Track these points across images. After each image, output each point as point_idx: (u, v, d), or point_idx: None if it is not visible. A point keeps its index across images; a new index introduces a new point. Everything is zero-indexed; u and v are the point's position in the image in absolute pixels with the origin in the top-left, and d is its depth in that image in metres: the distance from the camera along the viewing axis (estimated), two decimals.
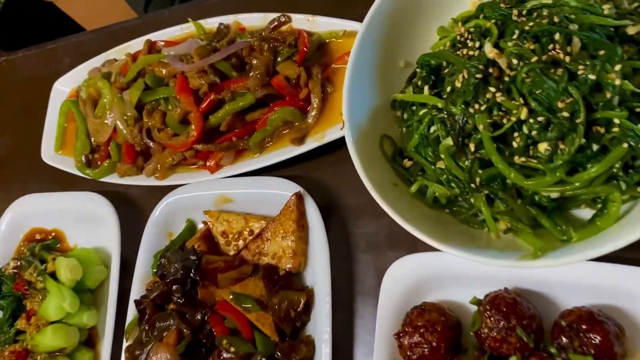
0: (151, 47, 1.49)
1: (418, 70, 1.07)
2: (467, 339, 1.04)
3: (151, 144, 1.42)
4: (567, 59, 0.82)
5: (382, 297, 1.10)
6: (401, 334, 1.04)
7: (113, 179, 1.55)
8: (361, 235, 1.23)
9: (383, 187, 1.00)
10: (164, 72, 1.37)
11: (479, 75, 0.87)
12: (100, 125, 1.51)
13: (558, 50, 0.83)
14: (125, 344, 1.39)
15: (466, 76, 0.88)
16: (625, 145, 0.82)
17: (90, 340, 1.53)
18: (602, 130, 0.83)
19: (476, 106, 0.88)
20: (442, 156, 0.96)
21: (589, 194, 0.88)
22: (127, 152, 1.46)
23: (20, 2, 2.56)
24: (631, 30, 0.88)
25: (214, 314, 1.27)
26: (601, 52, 0.82)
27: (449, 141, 0.94)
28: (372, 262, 1.20)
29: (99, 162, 1.57)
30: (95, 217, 1.60)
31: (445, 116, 0.93)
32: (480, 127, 0.88)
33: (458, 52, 0.93)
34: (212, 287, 1.26)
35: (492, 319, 0.96)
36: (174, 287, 1.32)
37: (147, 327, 1.31)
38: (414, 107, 1.07)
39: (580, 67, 0.82)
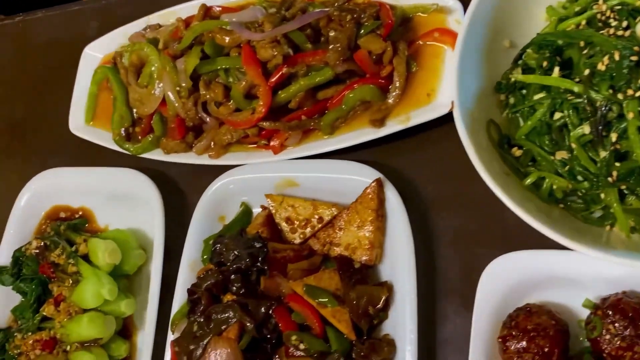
0: (207, 12, 1.37)
1: (530, 51, 1.00)
2: (574, 346, 0.98)
3: (207, 118, 1.31)
4: None
5: (480, 297, 1.02)
6: (507, 338, 0.96)
7: (155, 155, 1.44)
8: (445, 229, 1.15)
9: (497, 177, 0.92)
10: (226, 41, 1.26)
11: (634, 58, 0.80)
12: (145, 95, 1.39)
13: None
14: (170, 336, 1.29)
15: (617, 58, 0.81)
16: None
17: (125, 330, 1.42)
18: None
19: (629, 92, 0.80)
20: (574, 146, 0.88)
21: None
22: (178, 126, 1.35)
23: None
24: None
25: (280, 307, 1.18)
26: None
27: (584, 129, 0.87)
28: (458, 258, 1.13)
29: (140, 137, 1.46)
30: (131, 197, 1.48)
31: (583, 102, 0.86)
32: (630, 115, 0.81)
33: (602, 32, 0.85)
34: (280, 278, 1.17)
35: (616, 325, 0.89)
36: (233, 276, 1.22)
37: (201, 320, 1.21)
38: (524, 91, 0.99)
39: None
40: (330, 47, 1.17)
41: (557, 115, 0.92)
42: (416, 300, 1.08)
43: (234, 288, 1.22)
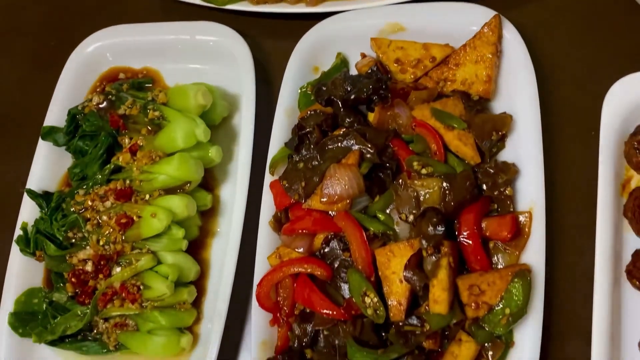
0: None
1: None
2: None
3: None
4: None
5: (605, 117, 1.10)
6: (637, 143, 1.05)
7: (242, 6, 1.43)
8: (561, 62, 1.23)
9: None
10: None
11: None
12: None
13: None
14: (269, 179, 1.28)
15: None
16: None
17: (206, 183, 1.39)
18: None
19: None
20: None
21: None
22: None
23: None
24: None
25: (397, 138, 1.22)
26: None
27: None
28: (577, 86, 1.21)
29: None
30: (209, 54, 1.47)
31: None
32: None
33: None
34: (400, 107, 1.20)
35: None
36: (343, 110, 1.23)
37: (313, 153, 1.21)
38: None
39: None
40: None
41: None
42: (540, 125, 1.15)
43: (347, 121, 1.24)
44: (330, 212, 1.19)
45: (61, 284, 1.37)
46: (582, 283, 1.08)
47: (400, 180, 1.18)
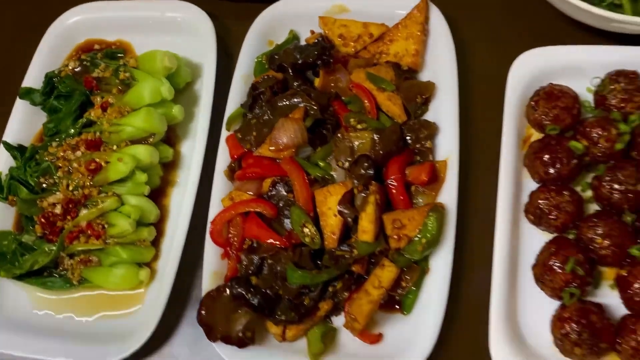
0: None
1: None
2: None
3: None
4: None
5: (510, 83, 1.33)
6: (536, 101, 1.28)
7: None
8: (476, 40, 1.47)
9: None
10: None
11: None
12: None
13: None
14: (225, 135, 1.45)
15: None
16: None
17: (169, 139, 1.55)
18: None
19: None
20: None
21: None
22: None
23: None
24: None
25: (337, 99, 1.42)
26: None
27: None
28: (488, 56, 1.45)
29: None
30: (175, 28, 1.65)
31: None
32: None
33: None
34: (341, 72, 1.40)
35: (620, 82, 1.23)
36: (292, 73, 1.43)
37: (265, 110, 1.40)
38: None
39: None
40: None
41: None
42: (456, 94, 1.37)
43: (295, 84, 1.43)
44: (277, 159, 1.38)
45: (31, 227, 1.51)
46: (488, 220, 1.28)
47: (339, 134, 1.38)
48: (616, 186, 1.18)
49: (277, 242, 1.31)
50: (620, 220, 1.18)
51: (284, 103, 1.40)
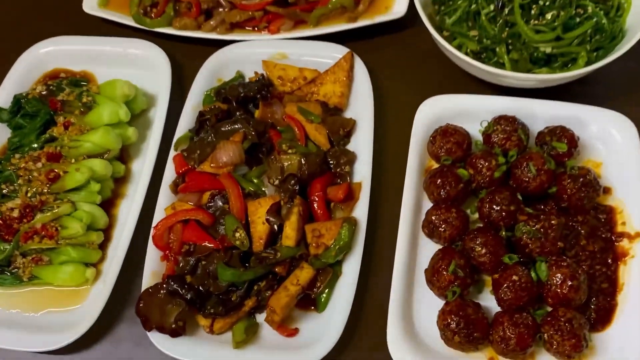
0: None
1: None
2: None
3: (222, 1, 1.81)
4: None
5: (416, 123, 1.62)
6: (435, 137, 1.55)
7: (168, 30, 1.90)
8: (391, 87, 1.76)
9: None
10: None
11: None
12: None
13: None
14: (172, 153, 1.67)
15: None
16: (593, 20, 1.51)
17: (122, 157, 1.76)
18: (582, 11, 1.52)
19: None
20: (483, 19, 1.56)
21: (567, 54, 1.54)
22: (195, 7, 1.84)
23: None
24: None
25: (273, 129, 1.67)
26: None
27: (490, 8, 1.55)
28: (398, 103, 1.73)
29: (153, 17, 1.89)
30: (136, 63, 1.89)
31: None
32: None
33: None
34: (277, 105, 1.66)
35: (501, 124, 1.52)
36: (236, 104, 1.67)
37: (210, 133, 1.63)
38: (451, 1, 1.66)
39: None
40: None
41: (473, 6, 1.60)
42: (373, 129, 1.64)
43: (237, 113, 1.67)
44: (216, 175, 1.60)
45: None
46: (392, 233, 1.53)
47: (272, 156, 1.62)
48: (494, 207, 1.46)
49: (212, 245, 1.51)
50: (497, 234, 1.45)
51: (226, 128, 1.64)
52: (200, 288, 1.48)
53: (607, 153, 1.56)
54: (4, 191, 1.67)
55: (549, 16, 1.52)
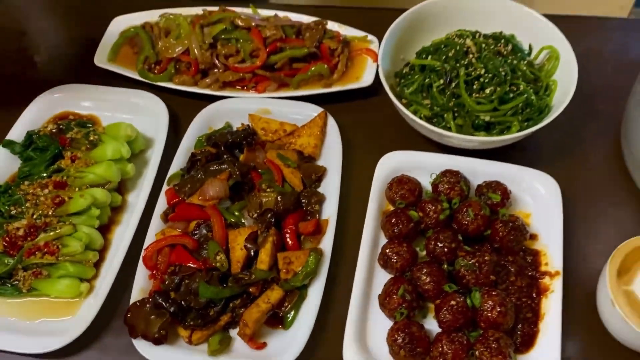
0: (225, 10, 2.25)
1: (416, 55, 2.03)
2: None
3: (218, 64, 2.12)
4: (505, 52, 1.87)
5: (376, 175, 1.91)
6: (391, 187, 1.84)
7: (168, 84, 2.18)
8: (357, 143, 2.06)
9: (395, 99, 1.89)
10: (242, 23, 2.14)
11: (464, 49, 1.86)
12: (172, 45, 2.17)
13: (501, 47, 1.87)
14: (165, 188, 1.92)
15: (457, 49, 1.86)
16: (524, 96, 1.85)
17: (120, 189, 2.00)
18: (515, 88, 1.86)
19: (461, 62, 1.85)
20: (434, 90, 1.89)
21: (503, 122, 1.86)
22: (194, 66, 2.14)
23: None
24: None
25: (254, 170, 1.94)
26: (519, 54, 1.88)
27: (440, 82, 1.88)
28: (363, 157, 2.02)
29: (156, 72, 2.19)
30: (139, 111, 2.16)
31: (440, 70, 1.88)
32: (462, 72, 1.84)
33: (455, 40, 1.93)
34: (259, 150, 1.93)
35: (447, 177, 1.82)
36: (223, 149, 1.95)
37: (200, 172, 1.89)
38: (410, 75, 2.00)
39: (511, 57, 1.86)
40: (307, 35, 2.12)
41: (427, 80, 1.93)
42: (340, 175, 1.93)
43: (225, 156, 1.94)
44: (203, 207, 1.85)
45: None
46: (352, 263, 1.77)
47: (253, 193, 1.89)
48: (439, 244, 1.73)
49: (195, 266, 1.74)
50: (440, 267, 1.71)
51: (214, 168, 1.91)
52: (183, 303, 1.70)
53: (535, 205, 1.87)
54: (12, 212, 1.89)
55: (488, 91, 1.87)
